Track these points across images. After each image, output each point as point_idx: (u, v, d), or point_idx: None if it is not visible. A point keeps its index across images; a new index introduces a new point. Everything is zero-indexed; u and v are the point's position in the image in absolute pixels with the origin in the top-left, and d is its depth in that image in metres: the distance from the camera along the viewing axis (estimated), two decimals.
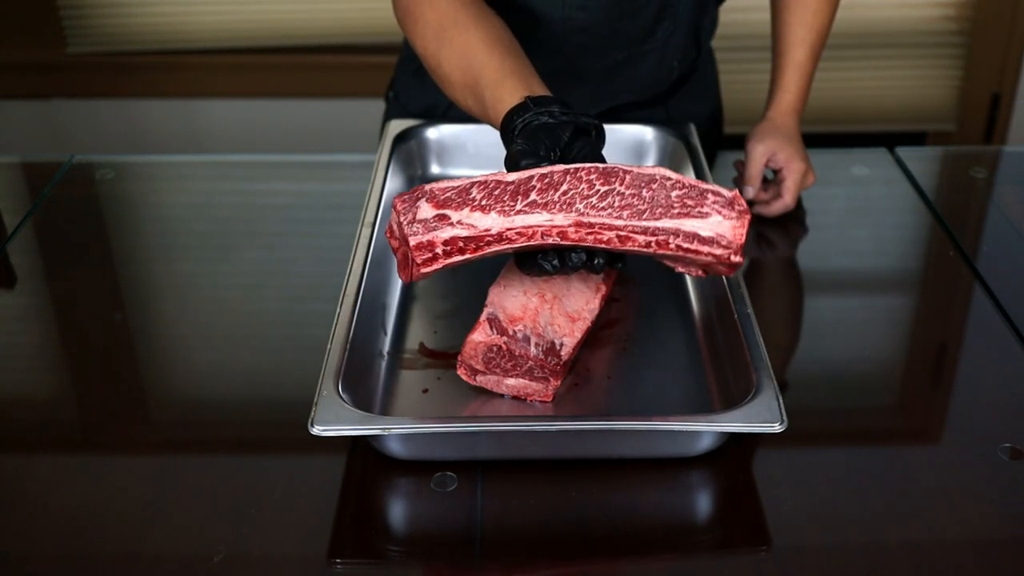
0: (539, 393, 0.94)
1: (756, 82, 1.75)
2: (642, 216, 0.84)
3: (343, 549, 0.84)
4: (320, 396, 0.87)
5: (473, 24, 1.05)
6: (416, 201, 0.85)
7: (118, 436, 0.98)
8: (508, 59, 1.02)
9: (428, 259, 0.84)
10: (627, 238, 0.84)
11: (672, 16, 1.27)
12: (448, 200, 0.84)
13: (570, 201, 0.84)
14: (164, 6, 2.45)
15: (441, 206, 0.84)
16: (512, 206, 0.84)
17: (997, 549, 0.85)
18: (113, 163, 1.42)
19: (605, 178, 0.85)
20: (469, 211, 0.84)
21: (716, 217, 0.85)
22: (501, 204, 0.84)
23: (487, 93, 1.00)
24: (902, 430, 0.99)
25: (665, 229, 0.85)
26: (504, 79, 1.00)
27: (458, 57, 1.05)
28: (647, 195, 0.85)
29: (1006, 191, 1.37)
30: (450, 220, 0.84)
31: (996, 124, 2.57)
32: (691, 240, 0.85)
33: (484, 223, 0.84)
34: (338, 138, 2.49)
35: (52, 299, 1.17)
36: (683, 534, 0.86)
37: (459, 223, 0.84)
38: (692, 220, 0.85)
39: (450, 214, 0.84)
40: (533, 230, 0.84)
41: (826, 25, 1.28)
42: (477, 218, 0.84)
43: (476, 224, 0.84)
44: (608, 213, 0.84)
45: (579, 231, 0.84)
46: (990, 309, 1.12)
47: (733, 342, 0.96)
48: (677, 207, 0.85)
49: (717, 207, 0.86)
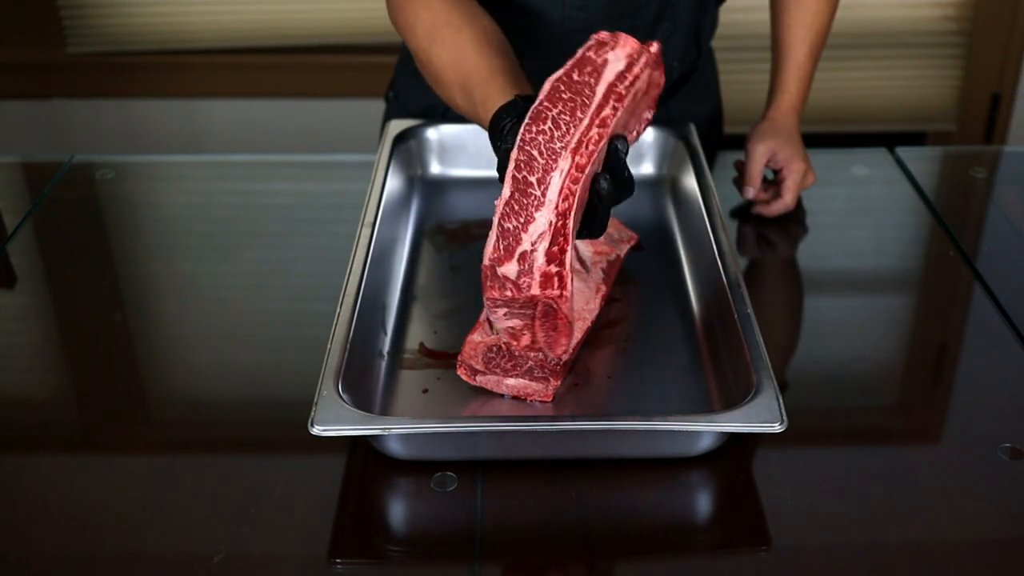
0: (539, 393, 0.94)
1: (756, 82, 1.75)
2: (589, 103, 0.88)
3: (343, 549, 0.84)
4: (320, 396, 0.87)
5: (466, 24, 1.06)
6: (496, 275, 0.86)
7: (118, 436, 0.98)
8: (499, 58, 1.02)
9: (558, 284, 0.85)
10: (603, 119, 0.88)
11: (672, 16, 1.27)
12: (508, 247, 0.86)
13: (550, 151, 0.86)
14: (164, 6, 2.45)
15: (510, 254, 0.85)
16: (535, 196, 0.85)
17: (997, 549, 0.85)
18: (113, 163, 1.42)
19: (539, 120, 0.88)
20: (524, 233, 0.85)
21: (611, 54, 0.91)
22: (529, 206, 0.85)
23: (476, 91, 1.00)
24: (902, 430, 0.99)
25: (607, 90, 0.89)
26: (494, 77, 1.00)
27: (449, 55, 1.05)
28: (568, 95, 0.89)
29: (1006, 191, 1.37)
30: (528, 249, 0.85)
31: (996, 124, 2.57)
32: (623, 76, 0.90)
33: (542, 223, 0.85)
34: (338, 138, 2.49)
35: (52, 299, 1.17)
36: (683, 534, 0.86)
37: (533, 244, 0.85)
38: (604, 73, 0.90)
39: (520, 248, 0.85)
40: (566, 188, 0.85)
41: (826, 25, 1.28)
42: (534, 228, 0.85)
43: (540, 229, 0.85)
44: (573, 127, 0.87)
45: (582, 153, 0.86)
46: (990, 309, 1.12)
47: (733, 342, 0.96)
48: (589, 77, 0.90)
49: (601, 53, 0.91)
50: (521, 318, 0.89)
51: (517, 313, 0.88)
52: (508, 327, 0.90)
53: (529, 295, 0.85)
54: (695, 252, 1.13)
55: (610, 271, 1.08)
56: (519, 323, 0.89)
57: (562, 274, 0.85)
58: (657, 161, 1.29)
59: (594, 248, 1.10)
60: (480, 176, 1.29)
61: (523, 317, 0.88)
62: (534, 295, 0.85)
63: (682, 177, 1.24)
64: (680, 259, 1.15)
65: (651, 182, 1.28)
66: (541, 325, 0.89)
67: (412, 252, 1.17)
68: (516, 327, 0.90)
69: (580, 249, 1.09)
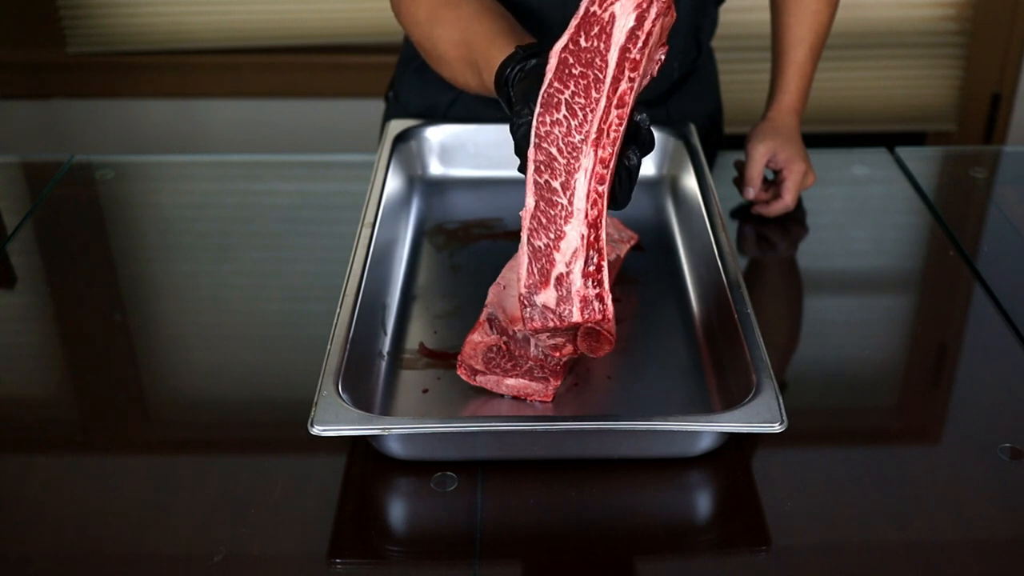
0: (539, 393, 0.94)
1: (756, 82, 1.75)
2: (602, 78, 0.82)
3: (343, 549, 0.84)
4: (320, 396, 0.87)
5: (464, 1, 1.06)
6: (534, 304, 0.83)
7: (118, 436, 0.98)
8: (498, 23, 1.02)
9: (600, 307, 0.82)
10: (621, 98, 0.82)
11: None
12: (542, 271, 0.82)
13: (569, 146, 0.81)
14: (164, 6, 2.45)
15: (546, 279, 0.82)
16: (562, 206, 0.82)
17: (997, 549, 0.85)
18: (113, 163, 1.42)
19: (551, 108, 0.82)
20: (557, 252, 0.82)
21: (617, 6, 0.82)
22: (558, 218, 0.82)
23: (480, 58, 1.00)
24: (902, 430, 0.99)
25: (619, 62, 0.82)
26: (494, 40, 0.99)
27: (450, 32, 1.05)
28: (579, 69, 0.82)
29: (1006, 191, 1.37)
30: (564, 272, 0.82)
31: (996, 124, 2.57)
32: (635, 37, 0.81)
33: (574, 238, 0.82)
34: (338, 138, 2.49)
35: (52, 299, 1.17)
36: (683, 534, 0.86)
37: (569, 264, 0.82)
38: (614, 34, 0.82)
39: (555, 271, 0.82)
40: (593, 192, 0.81)
41: (826, 25, 1.28)
42: (566, 246, 0.82)
43: (573, 246, 0.82)
44: (590, 112, 0.82)
45: (604, 145, 0.81)
46: (990, 309, 1.12)
47: (733, 342, 0.96)
48: (598, 42, 0.82)
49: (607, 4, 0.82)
50: (564, 336, 0.87)
51: (560, 334, 0.86)
52: (551, 344, 0.88)
53: (571, 323, 0.82)
54: (695, 252, 1.13)
55: (610, 271, 1.08)
56: (561, 340, 0.87)
57: (602, 295, 0.82)
58: (657, 161, 1.29)
59: None
60: (480, 176, 1.29)
61: (565, 336, 0.87)
62: (576, 322, 0.82)
63: (682, 177, 1.24)
64: (680, 259, 1.15)
65: (651, 182, 1.28)
66: (583, 339, 0.87)
67: (412, 252, 1.17)
68: (559, 343, 0.88)
69: None
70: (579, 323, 0.83)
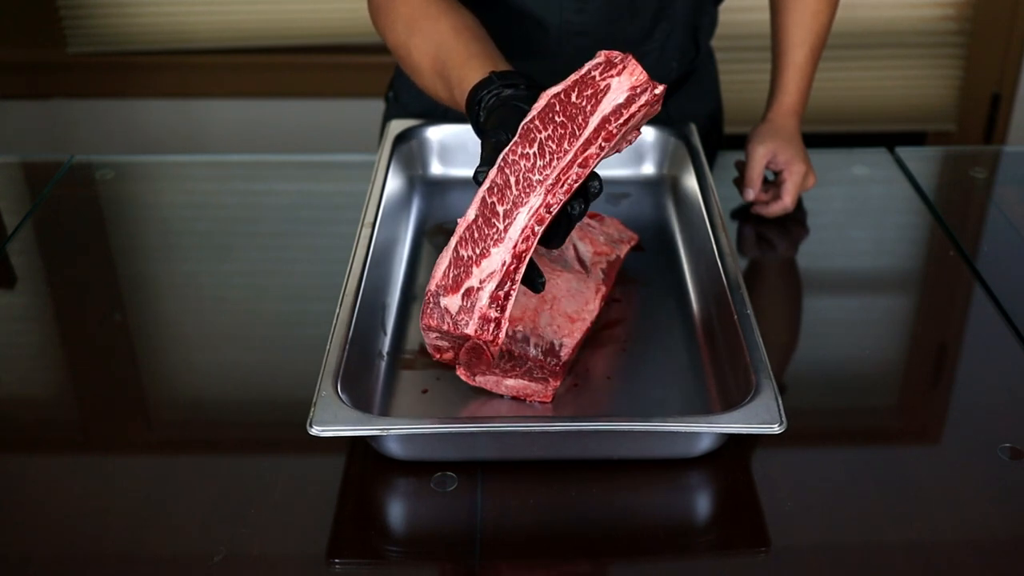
0: (539, 394, 0.94)
1: (756, 82, 1.75)
2: (578, 135, 0.87)
3: (342, 549, 0.84)
4: (319, 396, 0.86)
5: (443, 15, 1.07)
6: (437, 304, 0.87)
7: (118, 436, 0.98)
8: (475, 43, 1.03)
9: (494, 329, 0.86)
10: (586, 159, 0.87)
11: (670, 17, 1.27)
12: (456, 278, 0.86)
13: (526, 182, 0.86)
14: (164, 6, 2.45)
15: (457, 286, 0.86)
16: (497, 229, 0.86)
17: (997, 549, 0.85)
18: (113, 163, 1.42)
19: (526, 141, 0.87)
20: (476, 267, 0.86)
21: (614, 80, 0.88)
22: (489, 239, 0.86)
23: (453, 74, 1.01)
24: (902, 430, 0.99)
25: (597, 126, 0.87)
26: (470, 59, 1.00)
27: (427, 44, 1.06)
28: (562, 119, 0.88)
29: (1006, 191, 1.37)
30: (475, 287, 0.86)
31: (996, 124, 2.57)
32: (619, 113, 0.88)
33: (496, 261, 0.86)
34: (338, 138, 2.49)
35: (52, 299, 1.17)
36: (683, 535, 0.86)
37: (482, 282, 0.86)
38: (603, 101, 0.88)
39: (470, 284, 0.86)
40: (529, 228, 0.86)
41: (825, 26, 1.28)
42: (487, 265, 0.86)
43: (493, 268, 0.85)
44: (556, 159, 0.87)
45: (554, 192, 0.86)
46: (990, 309, 1.12)
47: (733, 342, 0.96)
48: (586, 104, 0.88)
49: (607, 75, 0.89)
50: (450, 342, 0.90)
51: (448, 339, 0.89)
52: (435, 345, 0.92)
53: (463, 333, 0.86)
54: (695, 252, 1.13)
55: (610, 271, 1.08)
56: (445, 345, 0.91)
57: (500, 321, 0.86)
58: (657, 161, 1.29)
59: (594, 248, 1.10)
60: None
61: (451, 342, 0.90)
62: (468, 334, 0.86)
63: (682, 177, 1.24)
64: (680, 259, 1.15)
65: (651, 182, 1.28)
66: (465, 352, 0.90)
67: (412, 252, 1.17)
68: (441, 347, 0.91)
69: (580, 249, 1.09)
70: (469, 336, 0.86)
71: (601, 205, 1.24)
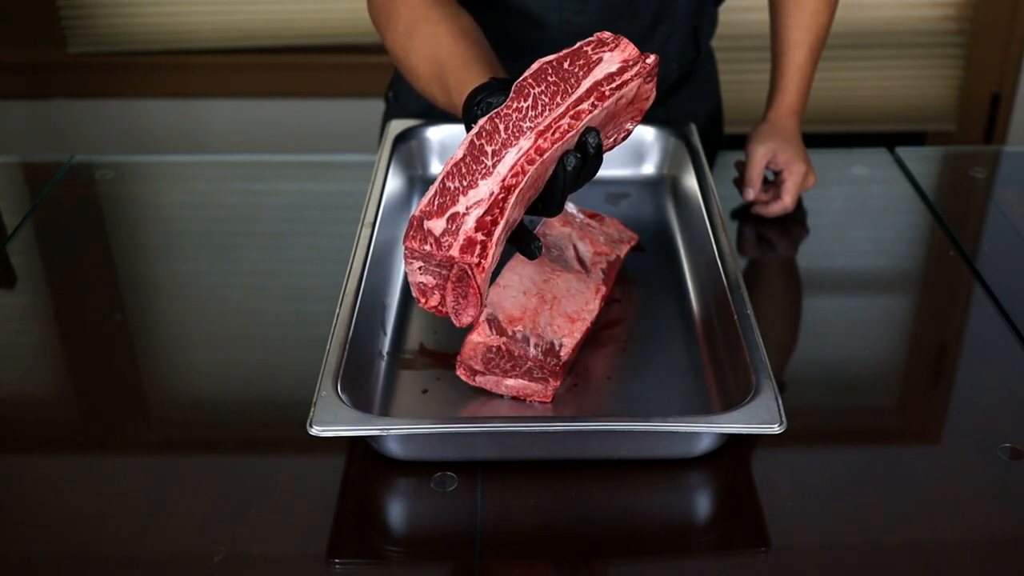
0: (538, 394, 0.94)
1: (756, 82, 1.75)
2: (570, 92, 0.88)
3: (342, 549, 0.84)
4: (319, 396, 0.86)
5: (443, 19, 1.07)
6: (421, 227, 0.84)
7: (118, 436, 0.98)
8: (474, 48, 1.03)
9: (480, 252, 0.83)
10: (578, 112, 0.87)
11: (670, 17, 1.27)
12: (442, 204, 0.85)
13: (517, 128, 0.86)
14: (164, 6, 2.45)
15: (442, 211, 0.84)
16: (485, 166, 0.85)
17: (997, 549, 0.85)
18: (113, 163, 1.42)
19: (520, 96, 0.88)
20: (463, 196, 0.84)
21: (606, 55, 0.90)
22: (477, 173, 0.85)
23: (451, 78, 1.01)
24: (902, 430, 0.99)
25: (590, 87, 0.89)
26: (469, 64, 1.00)
27: (426, 47, 1.06)
28: (555, 78, 0.89)
29: (1006, 191, 1.37)
30: (460, 212, 0.84)
31: (996, 124, 2.57)
32: (611, 80, 0.89)
33: (483, 191, 0.84)
34: (338, 138, 2.49)
35: (52, 299, 1.17)
36: (683, 535, 0.86)
37: (468, 208, 0.84)
38: (595, 69, 0.90)
39: (455, 209, 0.84)
40: (518, 166, 0.84)
41: (825, 26, 1.28)
42: (474, 194, 0.84)
43: (480, 196, 0.84)
44: (548, 110, 0.87)
45: (546, 138, 0.85)
46: (990, 309, 1.12)
47: (733, 342, 0.96)
48: (579, 71, 0.90)
49: (599, 51, 0.91)
50: (435, 276, 0.87)
51: (431, 270, 0.86)
52: (419, 282, 0.88)
53: (447, 255, 0.83)
54: (695, 252, 1.13)
55: (610, 271, 1.08)
56: (431, 281, 0.87)
57: (487, 244, 0.83)
58: (657, 161, 1.29)
59: (594, 248, 1.10)
60: None
61: (436, 276, 0.87)
62: (452, 256, 0.83)
63: (682, 177, 1.24)
64: (680, 259, 1.15)
65: (651, 182, 1.28)
66: (452, 288, 0.87)
67: None
68: (427, 284, 0.88)
69: (580, 249, 1.09)
70: (454, 259, 0.83)
71: (601, 205, 1.24)
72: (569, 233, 1.10)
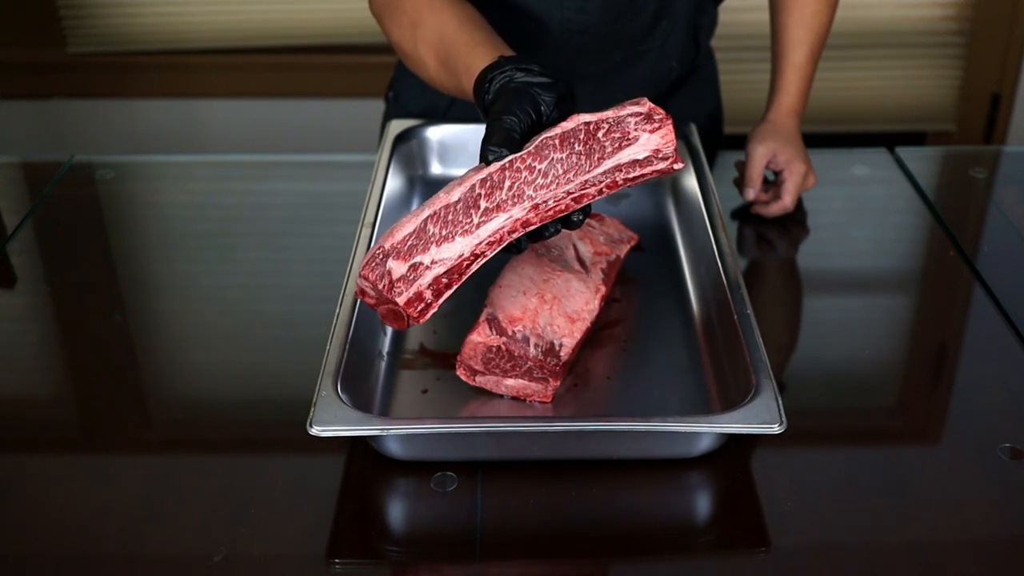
0: (538, 394, 0.94)
1: (756, 82, 1.75)
2: (586, 171, 0.88)
3: (342, 549, 0.84)
4: (319, 396, 0.87)
5: (446, 8, 1.08)
6: (384, 262, 0.86)
7: (118, 436, 0.98)
8: (480, 32, 1.04)
9: (422, 309, 0.86)
10: (581, 197, 0.88)
11: (670, 16, 1.27)
12: (412, 248, 0.86)
13: (519, 192, 0.87)
14: (164, 6, 2.45)
15: (409, 256, 0.86)
16: (471, 222, 0.86)
17: (997, 549, 0.85)
18: (113, 163, 1.42)
19: (539, 155, 0.88)
20: (436, 247, 0.86)
21: (643, 136, 0.89)
22: (459, 226, 0.86)
23: (460, 61, 1.02)
24: (902, 430, 0.99)
25: (608, 171, 0.89)
26: (476, 47, 1.01)
27: (432, 35, 1.07)
28: (580, 148, 0.88)
29: (1006, 191, 1.37)
30: (424, 264, 0.85)
31: (996, 124, 2.57)
32: (633, 168, 0.89)
33: (455, 251, 0.86)
34: (338, 138, 2.49)
35: (52, 299, 1.17)
36: (682, 534, 0.86)
37: (433, 263, 0.85)
38: (625, 150, 0.89)
39: (421, 259, 0.86)
40: (500, 234, 0.86)
41: (825, 26, 1.28)
42: (446, 249, 0.86)
43: (448, 255, 0.86)
44: (556, 184, 0.87)
45: (538, 213, 0.87)
46: (990, 309, 1.12)
47: (733, 342, 0.96)
48: (609, 146, 0.89)
49: (641, 127, 0.90)
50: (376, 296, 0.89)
51: (377, 294, 0.88)
52: (360, 288, 0.90)
53: (393, 300, 0.86)
54: (695, 252, 1.13)
55: (610, 271, 1.08)
56: (372, 296, 0.89)
57: (431, 305, 0.86)
58: None
59: (594, 248, 1.10)
60: None
61: (378, 297, 0.89)
62: (397, 302, 0.85)
63: (682, 177, 1.24)
64: (680, 259, 1.15)
65: (651, 182, 1.28)
66: (389, 310, 0.89)
67: None
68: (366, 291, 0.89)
69: (580, 249, 1.09)
70: (397, 304, 0.86)
71: (601, 205, 1.24)
72: (569, 233, 1.10)
